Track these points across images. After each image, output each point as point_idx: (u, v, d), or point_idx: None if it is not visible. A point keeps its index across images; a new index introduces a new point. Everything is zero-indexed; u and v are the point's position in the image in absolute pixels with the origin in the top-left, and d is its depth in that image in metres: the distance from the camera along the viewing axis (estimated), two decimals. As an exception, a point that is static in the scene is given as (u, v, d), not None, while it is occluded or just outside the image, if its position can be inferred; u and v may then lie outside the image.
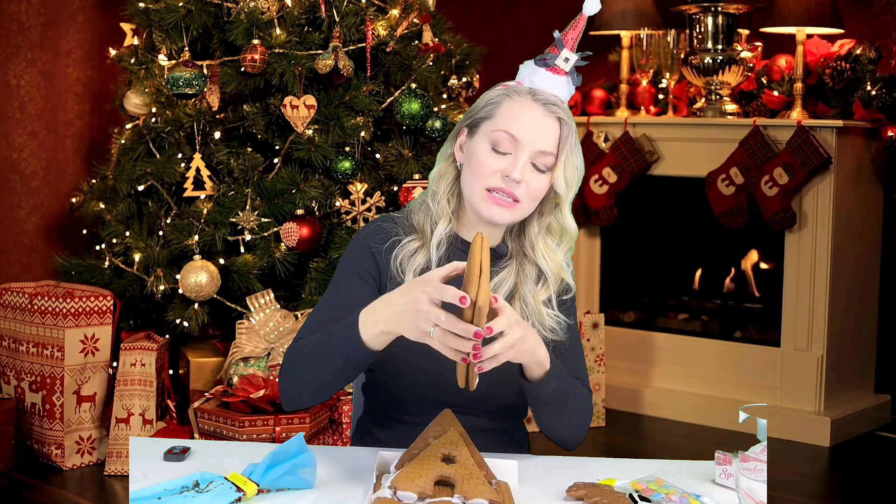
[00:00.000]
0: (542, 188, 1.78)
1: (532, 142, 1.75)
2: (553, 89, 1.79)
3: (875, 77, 4.03)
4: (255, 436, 3.10)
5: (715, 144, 4.22)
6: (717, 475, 1.66)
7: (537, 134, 1.76)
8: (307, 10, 3.68)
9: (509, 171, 1.75)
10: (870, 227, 4.20)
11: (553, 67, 1.79)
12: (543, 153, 1.76)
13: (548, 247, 1.84)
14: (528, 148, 1.75)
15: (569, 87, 1.81)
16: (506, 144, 1.76)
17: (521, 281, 1.83)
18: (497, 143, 1.76)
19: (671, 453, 3.81)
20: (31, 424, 3.52)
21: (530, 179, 1.76)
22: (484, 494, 1.47)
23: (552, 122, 1.77)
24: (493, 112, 1.79)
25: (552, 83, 1.79)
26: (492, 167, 1.76)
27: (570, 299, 1.89)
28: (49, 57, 4.17)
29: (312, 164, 3.62)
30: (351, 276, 1.82)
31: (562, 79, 1.80)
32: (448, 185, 1.85)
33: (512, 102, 1.78)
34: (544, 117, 1.76)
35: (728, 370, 4.24)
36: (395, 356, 1.78)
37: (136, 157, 3.77)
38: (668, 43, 4.36)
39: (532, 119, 1.76)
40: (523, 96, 1.78)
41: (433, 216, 1.84)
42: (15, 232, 4.12)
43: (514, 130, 1.75)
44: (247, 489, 1.51)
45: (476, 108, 1.82)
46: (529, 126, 1.75)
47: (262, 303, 3.51)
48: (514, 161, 1.75)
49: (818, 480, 3.72)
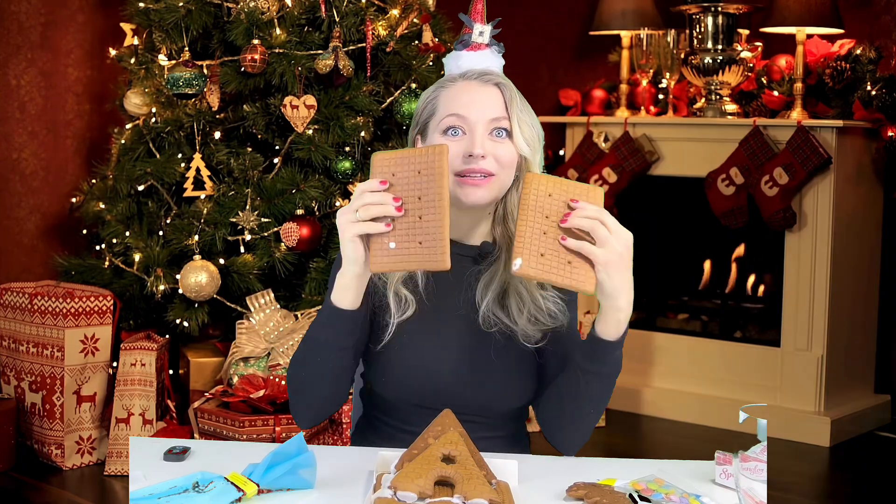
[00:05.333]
0: (510, 154, 1.74)
1: (481, 114, 1.73)
2: (480, 64, 1.79)
3: (875, 77, 4.03)
4: (255, 436, 3.10)
5: (715, 144, 4.23)
6: (717, 475, 1.66)
7: (483, 106, 1.73)
8: (307, 10, 3.68)
9: (470, 150, 1.71)
10: (870, 227, 4.20)
11: (471, 46, 1.79)
12: (496, 120, 1.73)
13: None
14: (480, 121, 1.72)
15: (495, 57, 1.81)
16: (457, 124, 1.73)
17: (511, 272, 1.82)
18: (448, 126, 1.74)
19: (671, 453, 3.81)
20: (31, 424, 3.52)
21: (495, 150, 1.73)
22: (484, 494, 1.47)
23: (491, 89, 1.75)
24: (435, 107, 1.78)
25: (477, 59, 1.79)
26: (452, 151, 1.71)
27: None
28: (49, 57, 4.17)
29: (312, 164, 3.62)
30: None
31: (485, 52, 1.79)
32: None
33: (447, 91, 1.77)
34: (482, 87, 1.75)
35: (728, 370, 4.24)
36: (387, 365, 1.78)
37: (136, 157, 3.77)
38: (668, 43, 4.36)
39: (472, 94, 1.74)
40: (456, 82, 1.77)
41: None
42: (15, 232, 4.12)
43: (459, 111, 1.73)
44: (247, 489, 1.51)
45: (418, 113, 1.81)
46: (472, 102, 1.74)
47: (262, 303, 3.51)
48: (470, 139, 1.72)
49: (818, 480, 3.72)
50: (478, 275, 1.80)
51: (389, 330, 1.76)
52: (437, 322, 1.79)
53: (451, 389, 1.77)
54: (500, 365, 1.78)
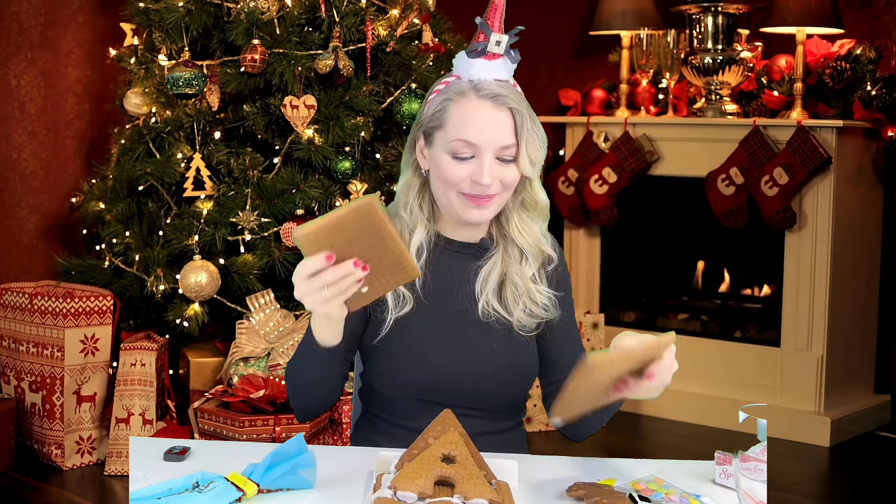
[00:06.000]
0: (514, 176, 1.76)
1: (491, 142, 1.73)
2: (494, 75, 1.76)
3: (875, 77, 4.03)
4: (255, 436, 3.10)
5: (715, 144, 4.22)
6: (717, 475, 1.66)
7: (493, 132, 1.73)
8: (307, 10, 3.68)
9: (478, 178, 1.72)
10: (870, 227, 4.20)
11: (487, 55, 1.76)
12: (505, 147, 1.74)
13: (522, 221, 1.84)
14: (489, 148, 1.73)
15: (508, 65, 1.77)
16: (465, 151, 1.73)
17: (508, 264, 1.84)
18: (456, 152, 1.74)
19: (671, 453, 3.81)
20: (31, 424, 3.52)
21: (501, 174, 1.74)
22: (484, 494, 1.47)
23: (503, 114, 1.73)
24: (443, 120, 1.75)
25: (491, 69, 1.76)
26: (459, 175, 1.74)
27: (555, 271, 1.89)
28: (49, 57, 4.17)
29: (312, 164, 3.62)
30: None
31: (498, 62, 1.76)
32: (417, 194, 1.84)
33: (458, 106, 1.74)
34: (494, 112, 1.73)
35: (728, 370, 4.24)
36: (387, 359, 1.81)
37: (136, 157, 3.77)
38: (668, 43, 4.36)
39: (483, 119, 1.73)
40: (467, 96, 1.74)
41: (408, 225, 1.83)
42: (15, 232, 4.11)
43: (469, 137, 1.72)
44: (247, 489, 1.51)
45: (425, 117, 1.79)
46: (483, 128, 1.72)
47: (262, 303, 3.51)
48: (479, 166, 1.72)
49: (818, 480, 3.72)
50: (477, 270, 1.84)
51: (386, 325, 1.79)
52: (437, 315, 1.82)
53: (451, 379, 1.80)
54: (499, 354, 1.82)
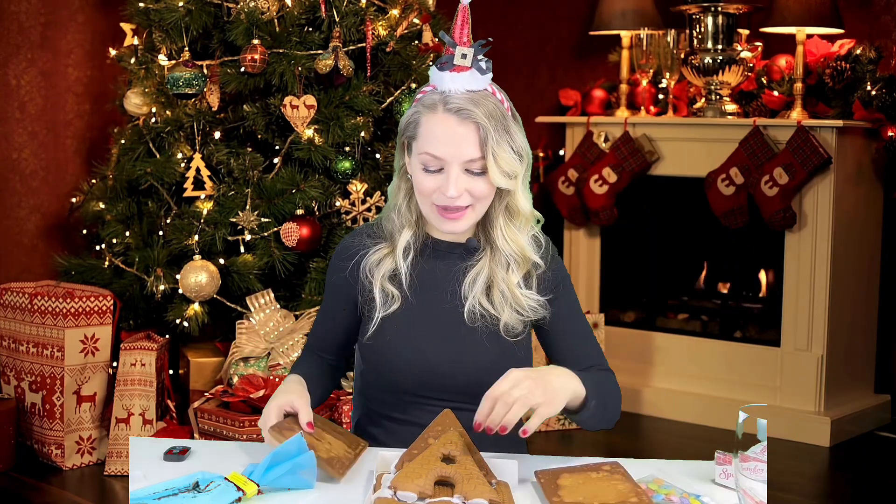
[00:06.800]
0: (484, 189, 1.79)
1: (455, 155, 1.76)
2: (465, 86, 1.78)
3: (875, 77, 4.03)
4: (255, 436, 3.11)
5: (715, 144, 4.22)
6: (717, 475, 1.66)
7: (457, 146, 1.76)
8: (307, 10, 3.68)
9: (444, 191, 1.77)
10: (870, 227, 4.20)
11: (454, 68, 1.79)
12: (472, 161, 1.77)
13: (507, 228, 1.86)
14: (454, 162, 1.76)
15: (476, 76, 1.79)
16: (433, 163, 1.78)
17: (494, 270, 1.87)
18: (426, 164, 1.79)
19: (671, 453, 3.81)
20: (31, 424, 3.52)
21: (470, 185, 1.78)
22: (484, 494, 1.47)
23: (467, 128, 1.76)
24: (416, 132, 1.80)
25: (460, 82, 1.78)
26: (429, 187, 1.79)
27: (544, 274, 1.90)
28: (49, 57, 4.17)
29: (312, 164, 3.62)
30: (329, 291, 1.96)
31: (466, 75, 1.78)
32: (406, 196, 1.88)
33: (427, 119, 1.78)
34: (458, 126, 1.76)
35: (728, 370, 4.24)
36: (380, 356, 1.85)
37: (136, 157, 3.77)
38: (668, 43, 4.36)
39: (448, 133, 1.76)
40: (436, 109, 1.77)
41: (398, 226, 1.89)
42: (15, 232, 4.12)
43: (434, 151, 1.77)
44: (247, 489, 1.51)
45: (404, 125, 1.84)
46: (447, 142, 1.76)
47: (262, 303, 3.51)
48: (446, 179, 1.77)
49: (818, 480, 3.72)
50: (465, 270, 1.88)
51: (374, 323, 1.85)
52: (427, 313, 1.86)
53: (444, 373, 1.83)
54: (490, 346, 1.85)
